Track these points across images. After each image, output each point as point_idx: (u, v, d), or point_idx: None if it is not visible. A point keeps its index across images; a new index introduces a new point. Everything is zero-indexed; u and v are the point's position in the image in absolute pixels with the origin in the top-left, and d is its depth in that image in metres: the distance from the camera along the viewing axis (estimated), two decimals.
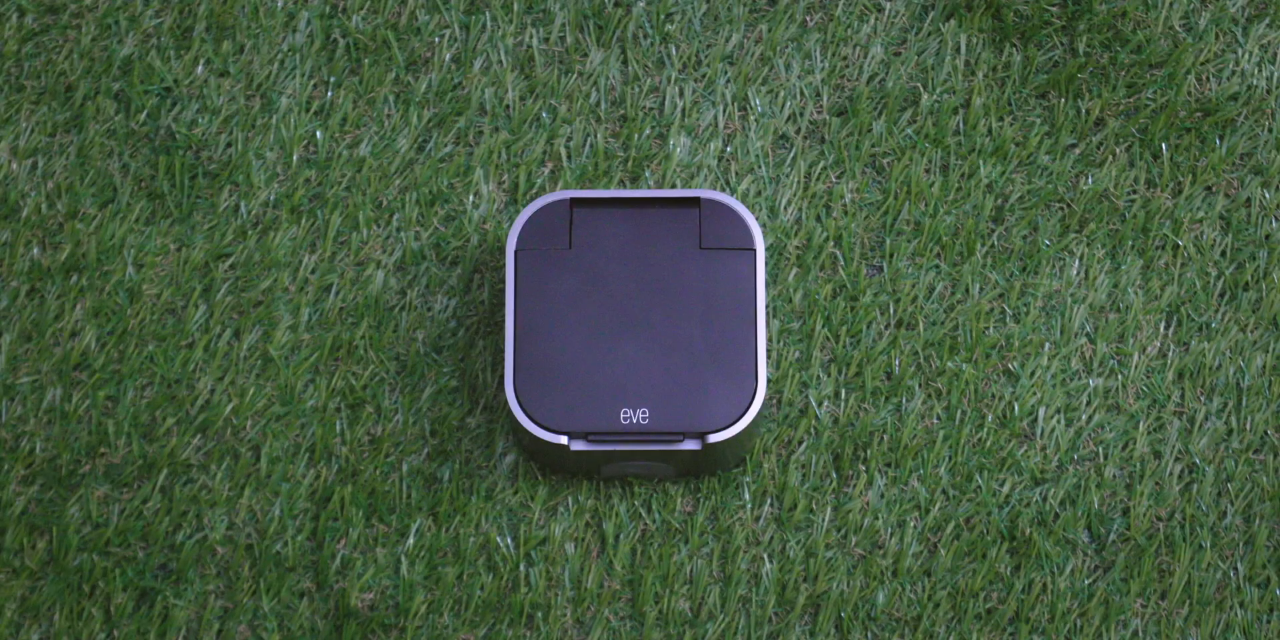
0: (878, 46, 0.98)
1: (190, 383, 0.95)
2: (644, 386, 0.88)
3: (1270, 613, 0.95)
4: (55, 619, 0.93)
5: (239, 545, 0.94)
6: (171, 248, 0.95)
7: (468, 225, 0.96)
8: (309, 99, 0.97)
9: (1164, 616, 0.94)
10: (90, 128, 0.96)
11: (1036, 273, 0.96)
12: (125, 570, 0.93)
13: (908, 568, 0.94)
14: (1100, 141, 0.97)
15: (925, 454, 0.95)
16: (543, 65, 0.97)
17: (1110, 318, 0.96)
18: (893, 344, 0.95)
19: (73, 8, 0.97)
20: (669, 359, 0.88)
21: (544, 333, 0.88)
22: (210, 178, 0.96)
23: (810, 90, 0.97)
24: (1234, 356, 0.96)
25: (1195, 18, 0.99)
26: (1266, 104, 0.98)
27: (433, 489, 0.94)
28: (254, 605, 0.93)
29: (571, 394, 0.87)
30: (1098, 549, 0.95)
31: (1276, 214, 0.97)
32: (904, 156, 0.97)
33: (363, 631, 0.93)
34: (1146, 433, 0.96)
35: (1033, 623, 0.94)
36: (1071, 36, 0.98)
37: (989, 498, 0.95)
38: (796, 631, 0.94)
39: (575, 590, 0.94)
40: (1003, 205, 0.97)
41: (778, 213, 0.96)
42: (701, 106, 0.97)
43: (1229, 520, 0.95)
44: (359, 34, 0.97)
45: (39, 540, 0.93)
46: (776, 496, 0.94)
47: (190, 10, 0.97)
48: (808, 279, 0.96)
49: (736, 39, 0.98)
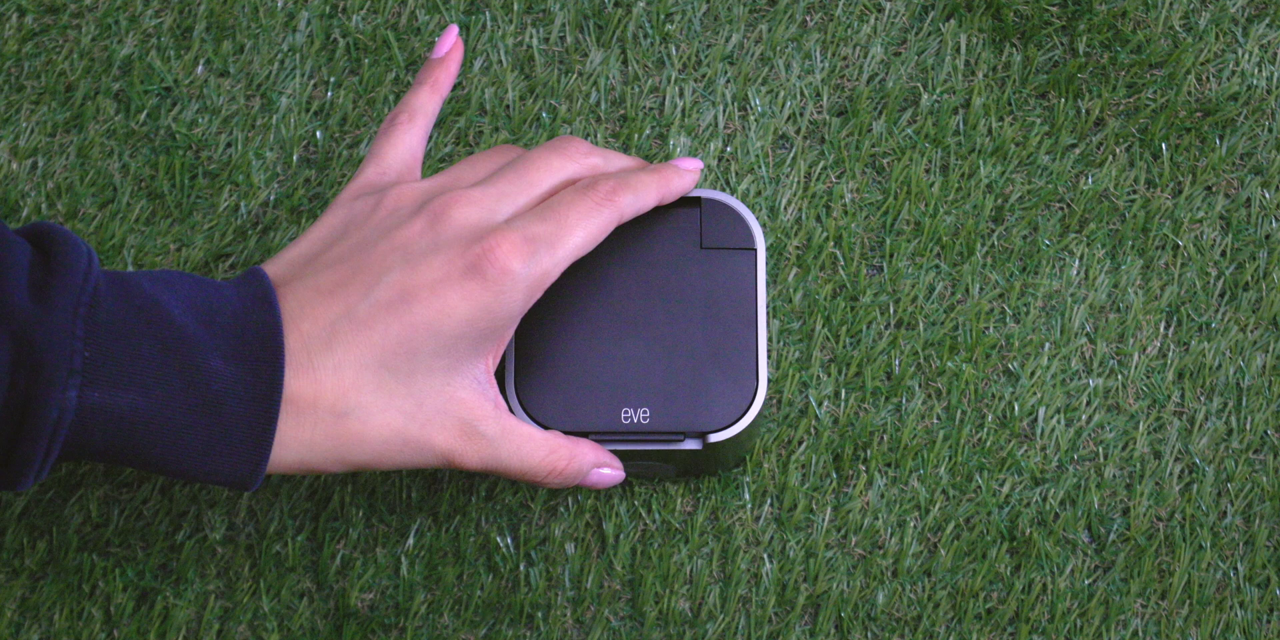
0: (878, 46, 0.98)
1: None
2: (644, 386, 0.88)
3: (1270, 613, 0.95)
4: (55, 619, 0.93)
5: (239, 545, 0.94)
6: (171, 248, 0.95)
7: None
8: (309, 99, 0.97)
9: (1164, 616, 0.94)
10: (90, 128, 0.96)
11: (1036, 273, 0.96)
12: (125, 570, 0.93)
13: (908, 568, 0.94)
14: (1100, 141, 0.97)
15: (925, 454, 0.95)
16: (543, 65, 0.97)
17: (1110, 318, 0.96)
18: (893, 344, 0.95)
19: (73, 8, 0.97)
20: (669, 359, 0.88)
21: (544, 332, 0.88)
22: (210, 178, 0.96)
23: (810, 90, 0.97)
24: (1234, 356, 0.96)
25: (1195, 18, 0.99)
26: (1266, 104, 0.98)
27: (433, 489, 0.94)
28: (254, 605, 0.93)
29: (572, 394, 0.87)
30: (1098, 549, 0.95)
31: (1276, 214, 0.97)
32: (904, 156, 0.97)
33: (363, 631, 0.93)
34: (1146, 433, 0.96)
35: (1033, 623, 0.94)
36: (1071, 36, 0.98)
37: (989, 498, 0.95)
38: (796, 631, 0.94)
39: (575, 590, 0.94)
40: (1003, 205, 0.97)
41: (778, 213, 0.96)
42: (701, 106, 0.97)
43: (1229, 520, 0.95)
44: (359, 34, 0.97)
45: (39, 540, 0.93)
46: (776, 496, 0.94)
47: (190, 10, 0.97)
48: (808, 279, 0.96)
49: (736, 39, 0.98)
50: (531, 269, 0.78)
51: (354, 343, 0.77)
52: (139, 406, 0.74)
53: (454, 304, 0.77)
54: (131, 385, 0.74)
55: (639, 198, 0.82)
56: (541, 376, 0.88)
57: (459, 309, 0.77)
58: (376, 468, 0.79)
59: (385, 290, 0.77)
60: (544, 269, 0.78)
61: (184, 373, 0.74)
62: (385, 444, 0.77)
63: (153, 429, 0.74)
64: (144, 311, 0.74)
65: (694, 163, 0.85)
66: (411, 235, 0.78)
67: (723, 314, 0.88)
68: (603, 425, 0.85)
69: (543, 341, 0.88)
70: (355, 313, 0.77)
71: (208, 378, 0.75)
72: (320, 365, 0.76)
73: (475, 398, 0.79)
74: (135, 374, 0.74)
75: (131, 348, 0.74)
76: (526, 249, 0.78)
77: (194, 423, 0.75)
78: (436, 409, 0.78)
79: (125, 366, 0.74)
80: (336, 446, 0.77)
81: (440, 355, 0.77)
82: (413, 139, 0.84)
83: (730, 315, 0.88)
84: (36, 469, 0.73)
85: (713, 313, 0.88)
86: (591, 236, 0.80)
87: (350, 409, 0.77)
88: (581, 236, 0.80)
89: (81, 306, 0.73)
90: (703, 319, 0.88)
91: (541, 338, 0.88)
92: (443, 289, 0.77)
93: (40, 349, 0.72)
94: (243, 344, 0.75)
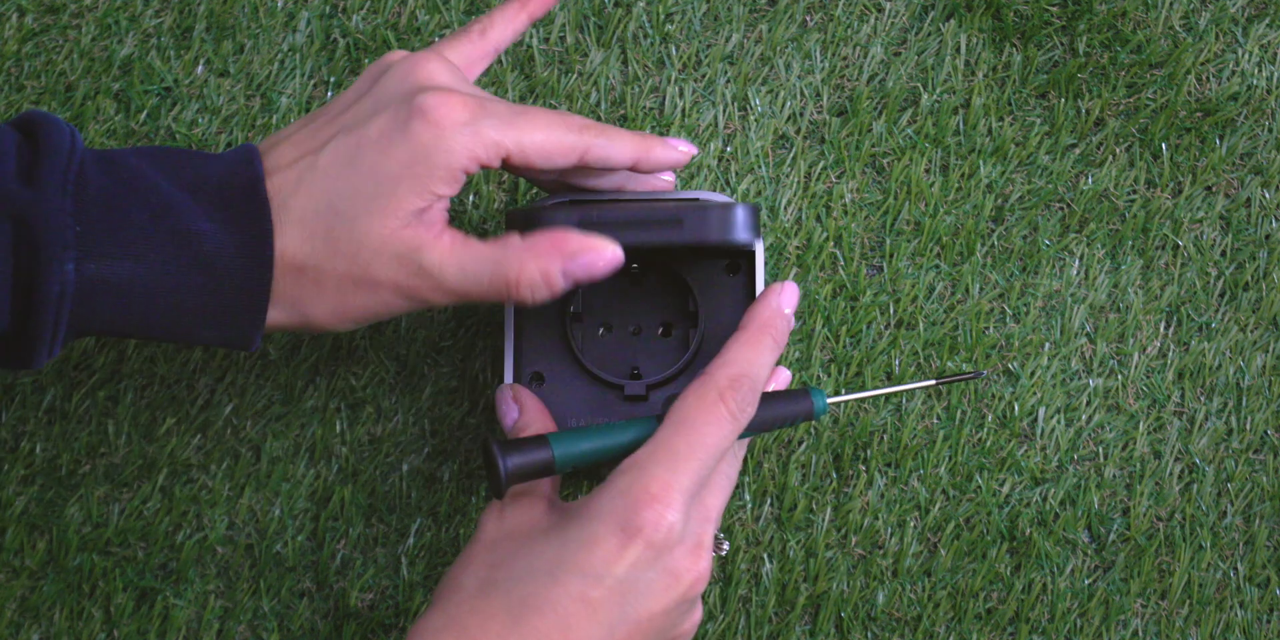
0: (878, 46, 0.98)
1: (190, 383, 0.95)
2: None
3: (1270, 613, 0.95)
4: (55, 619, 0.93)
5: (239, 545, 0.94)
6: None
7: (467, 226, 0.96)
8: (309, 99, 0.97)
9: (1164, 616, 0.94)
10: (90, 128, 0.96)
11: (1036, 273, 0.96)
12: (125, 570, 0.93)
13: (908, 568, 0.94)
14: (1100, 141, 0.97)
15: (925, 454, 0.95)
16: (543, 65, 0.97)
17: (1110, 318, 0.96)
18: (893, 344, 0.95)
19: (73, 8, 0.97)
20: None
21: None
22: None
23: (810, 90, 0.97)
24: (1234, 356, 0.96)
25: (1195, 18, 0.98)
26: (1266, 104, 0.98)
27: (433, 489, 0.94)
28: (254, 605, 0.93)
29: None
30: (1098, 549, 0.95)
31: (1276, 214, 0.97)
32: (904, 156, 0.97)
33: (363, 631, 0.93)
34: (1146, 433, 0.96)
35: (1033, 623, 0.94)
36: (1071, 36, 0.98)
37: (989, 498, 0.95)
38: (796, 631, 0.94)
39: None
40: (1003, 205, 0.97)
41: (778, 213, 0.96)
42: (701, 106, 0.97)
43: (1229, 520, 0.95)
44: (359, 34, 0.97)
45: (39, 540, 0.93)
46: (776, 496, 0.94)
47: (190, 10, 0.97)
48: (808, 279, 0.96)
49: (736, 39, 0.98)
50: (476, 126, 0.79)
51: (312, 191, 0.79)
52: (136, 274, 0.77)
53: (395, 144, 0.78)
54: (125, 254, 0.76)
55: (610, 143, 0.82)
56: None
57: (399, 150, 0.78)
58: (345, 319, 0.80)
59: (344, 136, 0.79)
60: (491, 138, 0.79)
61: (175, 237, 0.77)
62: (339, 289, 0.79)
63: (151, 294, 0.77)
64: (131, 183, 0.78)
65: (687, 144, 0.85)
66: (380, 93, 0.81)
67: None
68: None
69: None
70: (316, 162, 0.79)
71: (199, 239, 0.77)
72: (285, 220, 0.79)
73: (416, 232, 0.79)
74: (128, 243, 0.77)
75: (121, 218, 0.77)
76: (475, 107, 0.79)
77: (190, 283, 0.77)
78: (375, 249, 0.79)
79: (117, 236, 0.76)
80: (298, 298, 0.79)
81: (379, 198, 0.78)
82: (473, 51, 0.85)
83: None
84: (48, 345, 0.77)
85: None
86: (551, 143, 0.80)
87: (305, 261, 0.78)
88: (541, 138, 0.80)
89: (69, 184, 0.76)
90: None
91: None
92: (389, 132, 0.79)
93: (35, 228, 0.75)
94: (229, 205, 0.78)
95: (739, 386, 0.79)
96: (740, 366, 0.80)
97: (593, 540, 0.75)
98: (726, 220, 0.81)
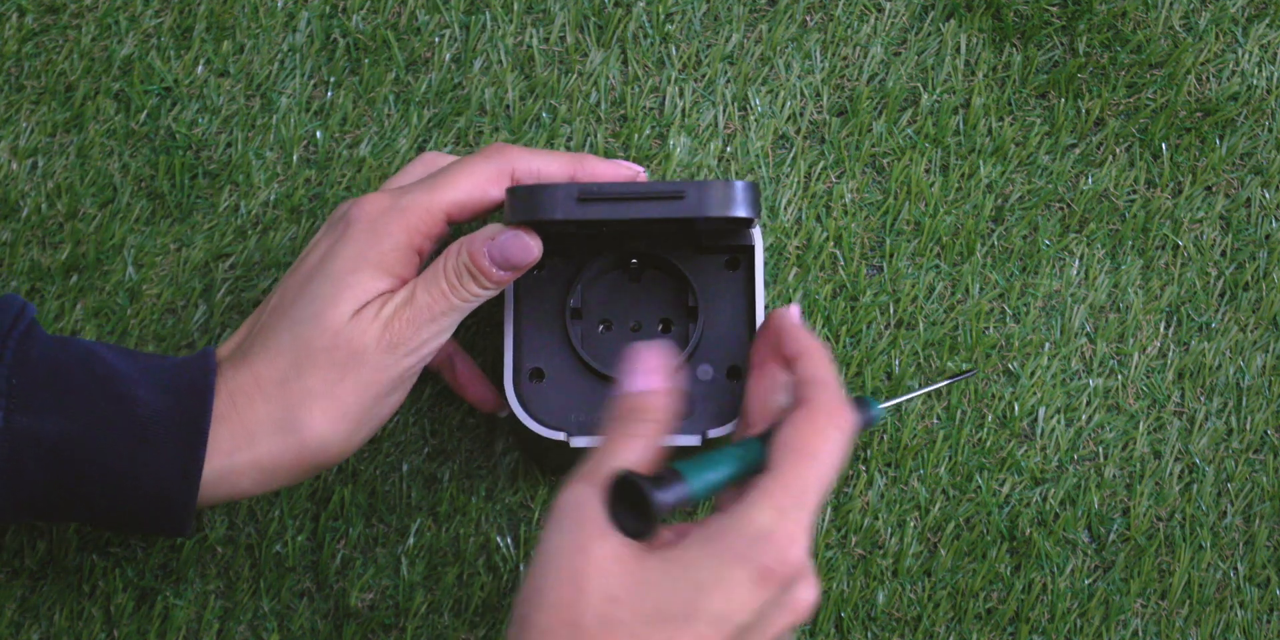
0: (878, 46, 0.98)
1: None
2: None
3: (1270, 613, 0.95)
4: (55, 619, 0.93)
5: (239, 545, 0.94)
6: (171, 248, 0.95)
7: (467, 225, 0.96)
8: (309, 99, 0.97)
9: (1164, 616, 0.94)
10: (90, 128, 0.96)
11: (1036, 273, 0.96)
12: (125, 570, 0.93)
13: (908, 568, 0.94)
14: (1100, 141, 0.97)
15: (925, 454, 0.95)
16: (543, 65, 0.97)
17: (1110, 318, 0.96)
18: (893, 344, 0.95)
19: (73, 8, 0.97)
20: None
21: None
22: (210, 178, 0.96)
23: (810, 90, 0.97)
24: (1234, 356, 0.96)
25: (1195, 18, 0.99)
26: (1266, 104, 0.98)
27: (433, 489, 0.94)
28: (254, 605, 0.93)
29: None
30: (1098, 549, 0.95)
31: (1276, 214, 0.97)
32: (904, 156, 0.97)
33: (363, 631, 0.93)
34: (1146, 433, 0.96)
35: (1033, 623, 0.94)
36: (1071, 36, 0.98)
37: (989, 498, 0.95)
38: (796, 631, 0.94)
39: None
40: (1003, 205, 0.97)
41: (778, 213, 0.96)
42: (701, 106, 0.97)
43: (1229, 520, 0.95)
44: (359, 34, 0.97)
45: (39, 540, 0.93)
46: None
47: (190, 10, 0.97)
48: (808, 279, 0.96)
49: (736, 39, 0.98)
50: (399, 206, 0.81)
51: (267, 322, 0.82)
52: (67, 431, 0.76)
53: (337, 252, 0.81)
54: (59, 410, 0.77)
55: (534, 158, 0.83)
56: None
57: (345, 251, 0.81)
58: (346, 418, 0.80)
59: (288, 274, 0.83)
60: (421, 207, 0.82)
61: (111, 400, 0.77)
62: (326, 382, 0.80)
63: (82, 455, 0.77)
64: (76, 352, 0.78)
65: (632, 166, 0.86)
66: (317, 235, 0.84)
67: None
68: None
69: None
70: (266, 305, 0.83)
71: (134, 404, 0.77)
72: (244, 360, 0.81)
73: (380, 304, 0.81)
74: (63, 400, 0.77)
75: (61, 377, 0.77)
76: (394, 194, 0.82)
77: (121, 446, 0.77)
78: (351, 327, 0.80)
79: (53, 391, 0.77)
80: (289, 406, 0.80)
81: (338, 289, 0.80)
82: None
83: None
84: None
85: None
86: (473, 183, 0.82)
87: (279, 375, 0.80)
88: (467, 184, 0.82)
89: (11, 340, 0.77)
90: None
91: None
92: (330, 246, 0.82)
93: None
94: (172, 381, 0.79)
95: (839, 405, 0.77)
96: (833, 385, 0.77)
97: (730, 585, 0.72)
98: (728, 194, 0.80)
